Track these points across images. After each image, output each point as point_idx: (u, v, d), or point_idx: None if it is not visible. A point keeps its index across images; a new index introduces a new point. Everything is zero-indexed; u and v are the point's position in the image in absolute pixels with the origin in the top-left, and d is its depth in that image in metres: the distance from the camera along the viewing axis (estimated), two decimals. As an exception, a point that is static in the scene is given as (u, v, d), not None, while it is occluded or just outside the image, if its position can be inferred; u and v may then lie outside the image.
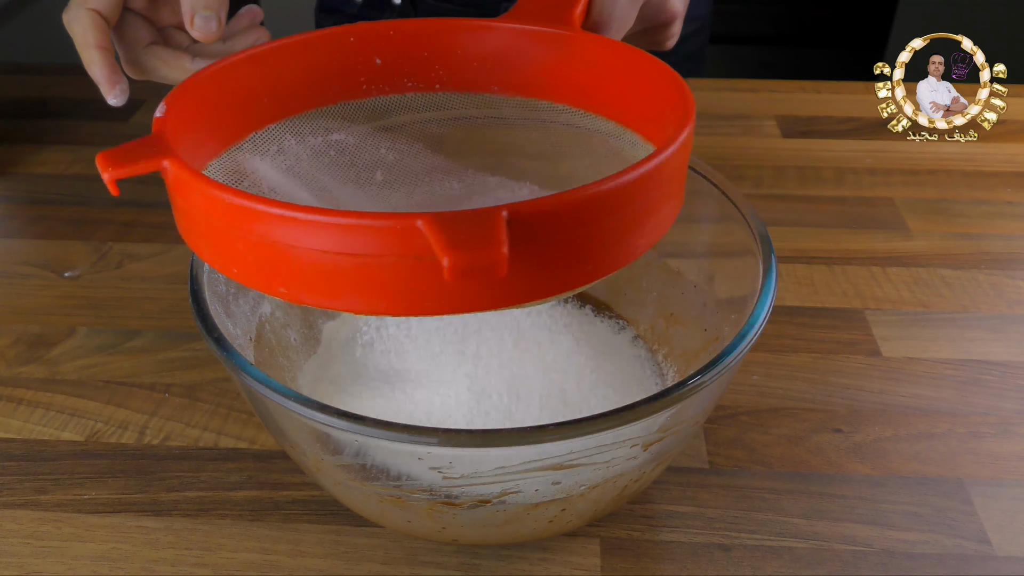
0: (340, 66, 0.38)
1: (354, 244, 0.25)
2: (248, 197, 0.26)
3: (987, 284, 0.57)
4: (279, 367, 0.42)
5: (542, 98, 0.39)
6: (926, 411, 0.47)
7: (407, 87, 0.39)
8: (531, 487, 0.33)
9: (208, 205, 0.27)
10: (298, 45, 0.37)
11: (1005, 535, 0.40)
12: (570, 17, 0.38)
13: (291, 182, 0.35)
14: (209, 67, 0.34)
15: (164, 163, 0.28)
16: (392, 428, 0.29)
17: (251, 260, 0.28)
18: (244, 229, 0.27)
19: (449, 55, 0.39)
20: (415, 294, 0.26)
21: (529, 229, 0.25)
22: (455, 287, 0.25)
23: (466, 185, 0.38)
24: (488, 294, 0.27)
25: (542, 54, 0.38)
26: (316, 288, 0.27)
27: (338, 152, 0.37)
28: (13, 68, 0.89)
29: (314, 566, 0.39)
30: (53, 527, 0.41)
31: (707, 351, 0.40)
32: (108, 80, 0.41)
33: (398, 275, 0.26)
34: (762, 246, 0.37)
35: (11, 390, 0.49)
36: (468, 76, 0.39)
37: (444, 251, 0.23)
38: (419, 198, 0.37)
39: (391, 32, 0.38)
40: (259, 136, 0.36)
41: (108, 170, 0.28)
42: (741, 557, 0.40)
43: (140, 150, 0.29)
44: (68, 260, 0.60)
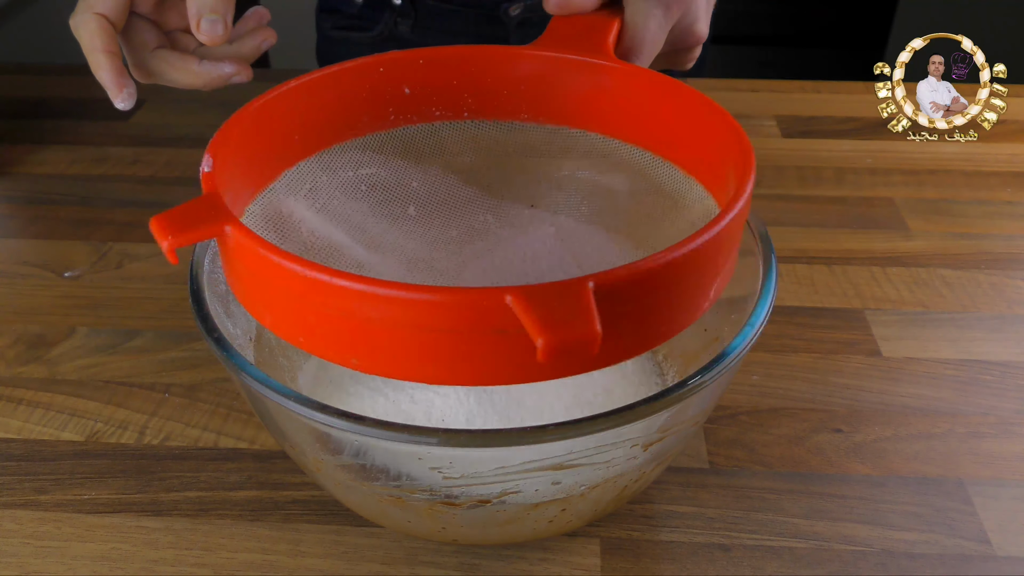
0: (369, 97, 0.37)
1: (436, 320, 0.24)
2: (323, 270, 0.25)
3: (987, 284, 0.57)
4: (279, 367, 0.42)
5: (574, 126, 0.38)
6: (926, 411, 0.47)
7: (435, 116, 0.39)
8: (531, 487, 0.33)
9: (277, 276, 0.26)
10: (328, 78, 0.36)
11: (1005, 535, 0.40)
12: (603, 44, 0.37)
13: (328, 223, 0.34)
14: (244, 109, 0.33)
15: (226, 228, 0.27)
16: (392, 428, 0.29)
17: (323, 331, 0.27)
18: (318, 301, 0.26)
19: (479, 82, 0.38)
20: (496, 366, 0.26)
21: (613, 298, 0.24)
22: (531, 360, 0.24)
23: (500, 218, 0.38)
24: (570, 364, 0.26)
25: (575, 82, 0.37)
26: (391, 360, 0.26)
27: (369, 187, 0.37)
28: (13, 68, 0.89)
29: (314, 566, 0.39)
30: (53, 527, 0.41)
31: (707, 351, 0.40)
32: (115, 84, 0.41)
33: (480, 348, 0.25)
34: (762, 246, 0.37)
35: (11, 390, 0.49)
36: (497, 104, 0.39)
37: (538, 332, 0.22)
38: (455, 233, 0.37)
39: (420, 61, 0.38)
40: (291, 175, 0.35)
41: (167, 238, 0.27)
42: (741, 557, 0.40)
43: (197, 213, 0.27)
44: (68, 260, 0.60)
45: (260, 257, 0.26)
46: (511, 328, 0.24)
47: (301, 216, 0.34)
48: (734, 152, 0.32)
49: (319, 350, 0.27)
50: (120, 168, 0.71)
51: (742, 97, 0.81)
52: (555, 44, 0.38)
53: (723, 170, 0.33)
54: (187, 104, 0.80)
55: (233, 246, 0.27)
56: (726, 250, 0.29)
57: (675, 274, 0.26)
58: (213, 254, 0.38)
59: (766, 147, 0.73)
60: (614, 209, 0.38)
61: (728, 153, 0.32)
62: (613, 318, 0.24)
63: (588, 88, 0.37)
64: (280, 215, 0.34)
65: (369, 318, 0.25)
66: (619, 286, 0.24)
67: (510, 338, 0.24)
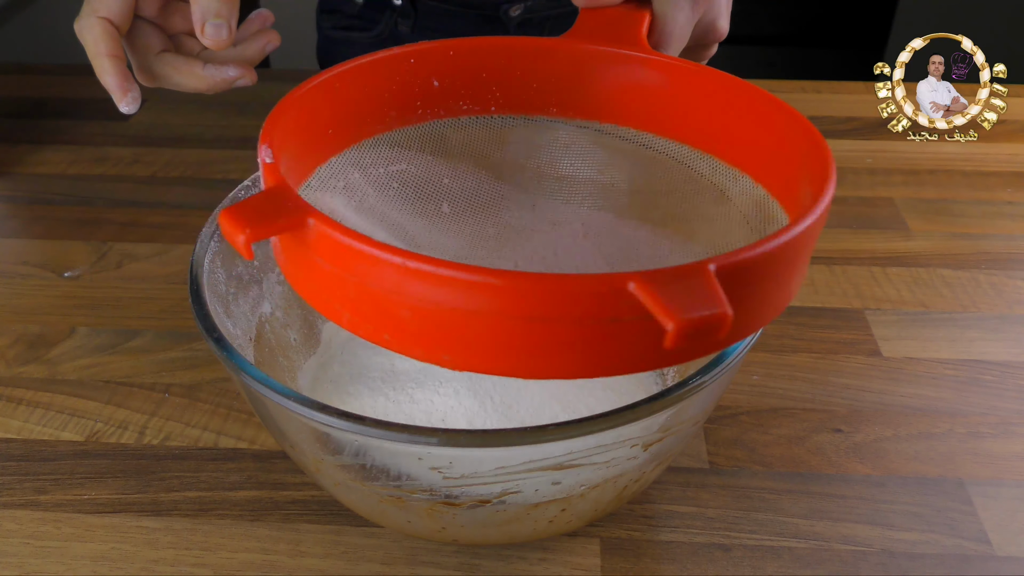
0: (399, 89, 0.36)
1: (551, 308, 0.23)
2: (425, 260, 0.24)
3: (987, 284, 0.57)
4: (279, 367, 0.42)
5: (605, 121, 0.38)
6: (926, 411, 0.47)
7: (462, 110, 0.38)
8: (531, 487, 0.33)
9: (367, 268, 0.25)
10: (361, 69, 0.35)
11: (1005, 535, 0.40)
12: (636, 35, 0.37)
13: (366, 221, 0.34)
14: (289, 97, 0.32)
15: (310, 221, 0.25)
16: (392, 428, 0.29)
17: (413, 328, 0.25)
18: (413, 295, 0.24)
19: (507, 75, 0.37)
20: (609, 355, 0.25)
21: (732, 281, 0.24)
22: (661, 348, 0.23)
23: (537, 215, 0.37)
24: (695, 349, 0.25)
25: (608, 75, 0.37)
26: (494, 355, 0.25)
27: (401, 184, 0.36)
28: (13, 68, 0.89)
29: (314, 566, 0.39)
30: (53, 527, 0.41)
31: (707, 351, 0.40)
32: (120, 88, 0.41)
33: (593, 337, 0.24)
34: (762, 246, 0.37)
35: (11, 390, 0.49)
36: (526, 98, 0.38)
37: (669, 316, 0.22)
38: (492, 230, 0.36)
39: (450, 52, 0.37)
40: (324, 171, 0.34)
41: (244, 231, 0.25)
42: (741, 557, 0.40)
43: (272, 205, 0.26)
44: (68, 260, 0.60)
45: (349, 249, 0.25)
46: (626, 315, 0.23)
47: (341, 215, 0.33)
48: (796, 136, 0.31)
49: (407, 348, 0.26)
50: (120, 168, 0.71)
51: (742, 97, 0.80)
52: (586, 37, 0.37)
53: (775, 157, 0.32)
54: (187, 104, 0.80)
55: (315, 239, 0.26)
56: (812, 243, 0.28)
57: (788, 256, 0.26)
58: (213, 254, 0.38)
59: (766, 147, 0.73)
60: (655, 203, 0.37)
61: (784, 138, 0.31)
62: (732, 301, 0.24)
63: (621, 81, 0.37)
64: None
65: (472, 309, 0.24)
66: (739, 269, 0.24)
67: (623, 326, 0.24)
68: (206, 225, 0.38)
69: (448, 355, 0.25)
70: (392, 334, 0.26)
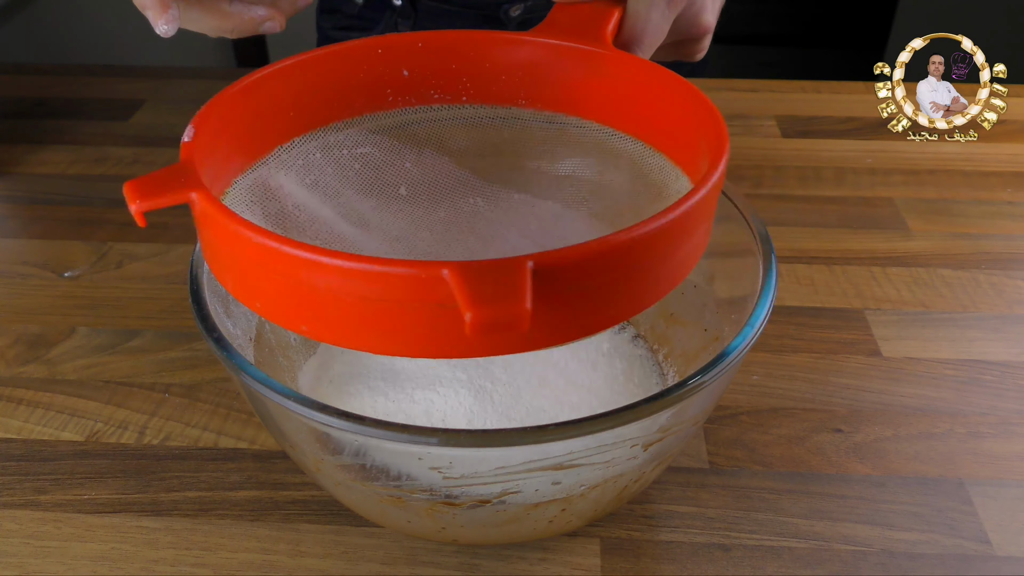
0: (367, 77, 0.38)
1: (378, 290, 0.25)
2: (274, 238, 0.26)
3: (987, 284, 0.57)
4: (279, 367, 0.42)
5: (570, 114, 0.38)
6: (926, 411, 0.47)
7: (433, 99, 0.39)
8: (531, 487, 0.33)
9: (234, 241, 0.27)
10: (326, 57, 0.36)
11: (1005, 535, 0.40)
12: (602, 33, 0.38)
13: (316, 198, 0.34)
14: (234, 84, 0.34)
15: (192, 195, 0.28)
16: (392, 428, 0.29)
17: (275, 297, 0.28)
18: (269, 268, 0.27)
19: (478, 67, 0.38)
20: (437, 339, 0.26)
21: (554, 278, 0.25)
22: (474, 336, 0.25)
23: (490, 202, 0.38)
24: (508, 341, 0.27)
25: (572, 70, 0.37)
26: (338, 328, 0.27)
27: (363, 165, 0.37)
28: (13, 68, 0.89)
29: (314, 566, 0.39)
30: (53, 527, 0.41)
31: (707, 351, 0.40)
32: (159, 3, 0.37)
33: (421, 320, 0.26)
34: (762, 246, 0.37)
35: (11, 390, 0.49)
36: (496, 89, 0.39)
37: (467, 306, 0.23)
38: (443, 214, 0.37)
39: (419, 44, 0.38)
40: (284, 150, 0.36)
41: (136, 202, 0.28)
42: (741, 557, 0.40)
43: (168, 180, 0.29)
44: (68, 260, 0.60)
45: (220, 224, 0.27)
46: (449, 303, 0.24)
47: (289, 190, 0.34)
48: (709, 136, 0.32)
49: (273, 315, 0.29)
50: (120, 168, 0.71)
51: (742, 97, 0.81)
52: (554, 31, 0.38)
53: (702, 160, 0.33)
54: (187, 104, 0.80)
55: (199, 214, 0.29)
56: (690, 231, 0.29)
57: (625, 256, 0.26)
58: (213, 254, 0.38)
59: (766, 147, 0.73)
60: (602, 197, 0.38)
61: (705, 140, 0.32)
62: (556, 298, 0.25)
63: (583, 75, 0.37)
64: (268, 188, 0.34)
65: (316, 286, 0.26)
66: (561, 266, 0.25)
67: (449, 312, 0.25)
68: (206, 225, 0.38)
69: (306, 325, 0.28)
70: (262, 303, 0.28)
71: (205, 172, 0.30)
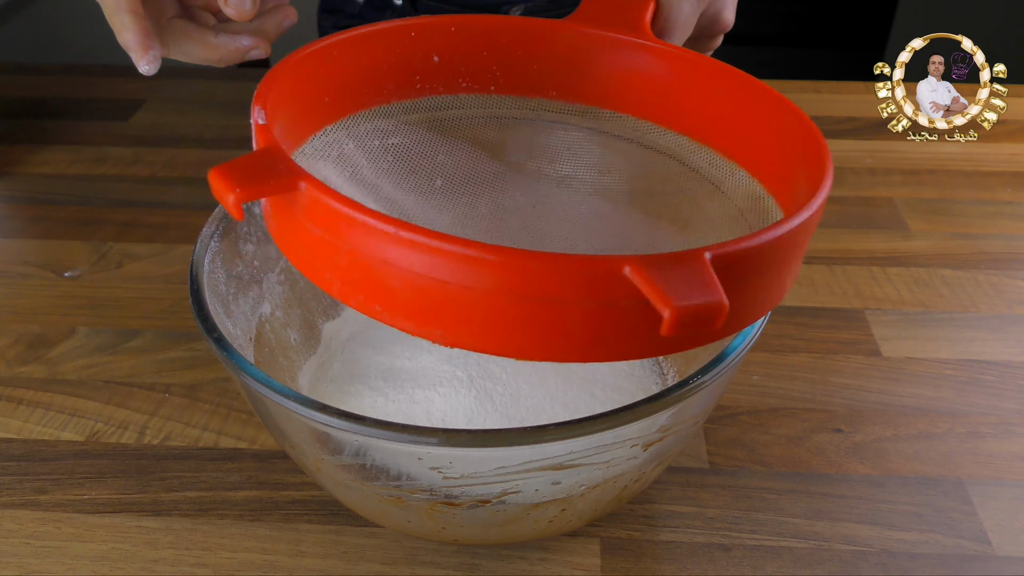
0: (398, 62, 0.36)
1: (543, 288, 0.23)
2: (418, 230, 0.23)
3: (987, 284, 0.57)
4: (279, 367, 0.42)
5: (604, 107, 0.37)
6: (926, 411, 0.47)
7: (461, 87, 0.37)
8: (531, 487, 0.33)
9: (359, 235, 0.24)
10: (363, 38, 0.35)
11: (1005, 535, 0.40)
12: (640, 22, 0.36)
13: (358, 191, 0.33)
14: (286, 60, 0.32)
15: (301, 184, 0.25)
16: (392, 428, 0.29)
17: (404, 299, 0.25)
18: (403, 265, 0.24)
19: (508, 55, 0.37)
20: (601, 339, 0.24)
21: (728, 270, 0.23)
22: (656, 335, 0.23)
23: (530, 196, 0.37)
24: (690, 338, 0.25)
25: (610, 60, 0.36)
26: (485, 332, 0.25)
27: (396, 157, 0.36)
28: (13, 68, 0.88)
29: (314, 566, 0.39)
30: (53, 527, 0.41)
31: (707, 351, 0.40)
32: (141, 46, 0.38)
33: (587, 320, 0.24)
34: (762, 246, 0.37)
35: (11, 390, 0.49)
36: (526, 79, 0.38)
37: (664, 303, 0.21)
38: (484, 209, 0.36)
39: (452, 28, 0.36)
40: (319, 139, 0.34)
41: (234, 191, 0.24)
42: (741, 557, 0.40)
43: (264, 166, 0.25)
44: (68, 260, 0.60)
45: (341, 216, 0.24)
46: (621, 300, 0.23)
47: (334, 184, 0.32)
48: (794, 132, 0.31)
49: (398, 320, 0.25)
50: (120, 168, 0.71)
51: (742, 97, 0.80)
52: (589, 21, 0.37)
53: (772, 152, 0.32)
54: (187, 104, 0.80)
55: (307, 203, 0.25)
56: (812, 233, 0.28)
57: (782, 249, 0.26)
58: (213, 254, 0.38)
59: (766, 147, 0.73)
60: (650, 191, 0.37)
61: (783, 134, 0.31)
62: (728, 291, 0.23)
63: (621, 67, 0.36)
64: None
65: (465, 284, 0.23)
66: (734, 259, 0.24)
67: (618, 311, 0.23)
68: (206, 225, 0.38)
69: (440, 330, 0.25)
70: (384, 305, 0.25)
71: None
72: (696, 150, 0.36)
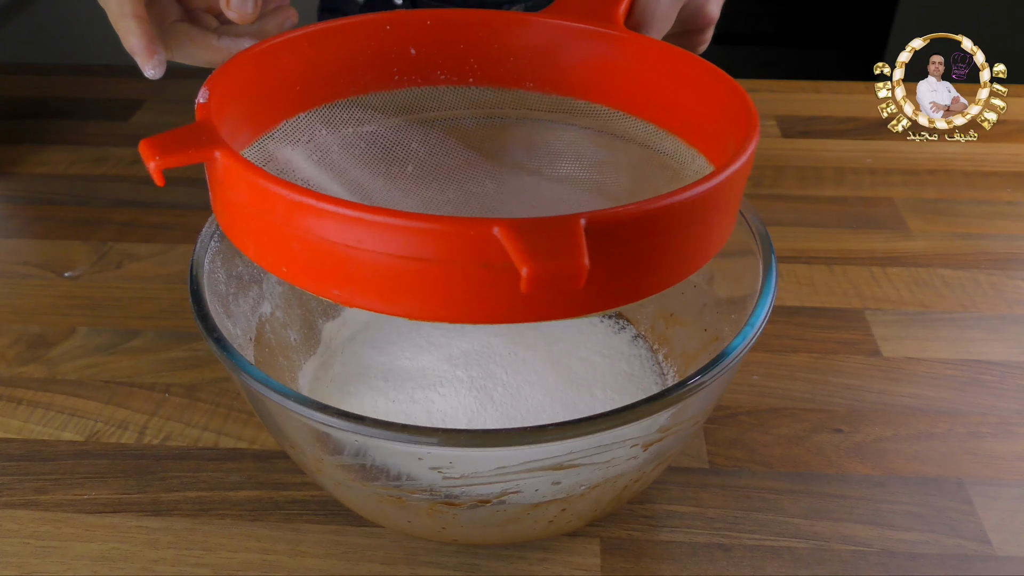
0: (374, 54, 0.37)
1: (421, 248, 0.24)
2: (310, 194, 0.25)
3: (987, 284, 0.57)
4: (279, 367, 0.42)
5: (579, 97, 0.38)
6: (926, 411, 0.47)
7: (439, 79, 0.38)
8: (531, 487, 0.33)
9: (263, 199, 0.26)
10: (334, 31, 0.36)
11: (1005, 535, 0.40)
12: (613, 15, 0.37)
13: (323, 174, 0.34)
14: (245, 52, 0.33)
15: (216, 153, 0.27)
16: (392, 428, 0.29)
17: (304, 260, 0.26)
18: (301, 227, 0.25)
19: (485, 48, 0.38)
20: (479, 302, 0.25)
21: (604, 238, 0.24)
22: (523, 297, 0.24)
23: (499, 184, 0.38)
24: (556, 304, 0.26)
25: (583, 52, 0.37)
26: (373, 292, 0.26)
27: (369, 144, 0.37)
28: (13, 68, 0.88)
29: (314, 566, 0.39)
30: (53, 527, 0.41)
31: (707, 351, 0.40)
32: (146, 50, 0.39)
33: (463, 282, 0.25)
34: (762, 246, 0.37)
35: (11, 390, 0.49)
36: (503, 71, 0.38)
37: (523, 261, 0.22)
38: (452, 195, 0.37)
39: (428, 21, 0.37)
40: (290, 125, 0.35)
41: (155, 158, 0.26)
42: (741, 557, 0.40)
43: (187, 137, 0.27)
44: (68, 260, 0.60)
45: (247, 181, 0.26)
46: (497, 261, 0.23)
47: (297, 165, 0.34)
48: (738, 116, 0.31)
49: (300, 280, 0.27)
50: (120, 168, 0.71)
51: (742, 97, 0.80)
52: (564, 13, 0.37)
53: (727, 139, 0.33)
54: (187, 104, 0.79)
55: (221, 171, 0.27)
56: (722, 208, 0.28)
57: (668, 221, 0.26)
58: (213, 254, 0.38)
59: (766, 147, 0.73)
60: (616, 180, 0.38)
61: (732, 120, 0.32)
62: (602, 260, 0.24)
63: (595, 58, 0.37)
64: (276, 161, 0.34)
65: (352, 245, 0.25)
66: (611, 226, 0.24)
67: (495, 272, 0.24)
68: (206, 225, 0.38)
69: (337, 289, 0.26)
70: (288, 267, 0.27)
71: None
72: (663, 138, 0.36)
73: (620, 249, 0.25)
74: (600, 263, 0.24)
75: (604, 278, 0.25)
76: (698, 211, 0.27)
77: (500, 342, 0.43)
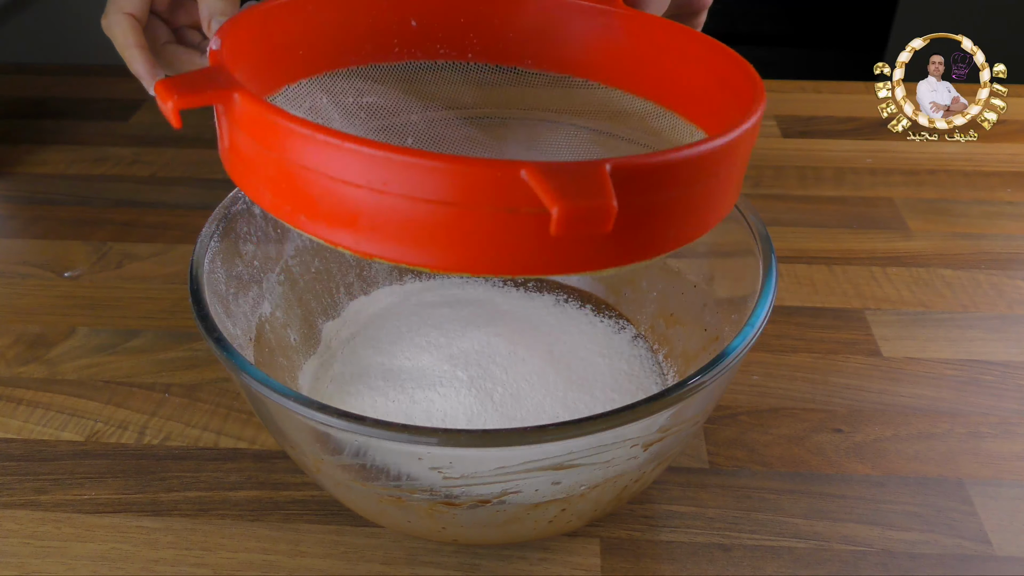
0: (376, 24, 0.37)
1: (447, 190, 0.23)
2: (337, 134, 0.24)
3: (987, 284, 0.57)
4: (279, 367, 0.42)
5: (578, 75, 0.38)
6: (926, 411, 0.47)
7: (439, 53, 0.38)
8: (531, 487, 0.33)
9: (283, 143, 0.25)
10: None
11: (1005, 535, 0.40)
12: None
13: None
14: (251, 8, 0.33)
15: (234, 95, 0.26)
16: (392, 428, 0.29)
17: (325, 207, 0.26)
18: (325, 169, 0.24)
19: (486, 23, 0.38)
20: (504, 250, 0.25)
21: (627, 186, 0.23)
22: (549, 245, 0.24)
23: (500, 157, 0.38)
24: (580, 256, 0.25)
25: (583, 29, 0.37)
26: (395, 239, 0.25)
27: (368, 115, 0.37)
28: (13, 68, 0.89)
29: (314, 566, 0.39)
30: (53, 527, 0.41)
31: (707, 351, 0.40)
32: (150, 74, 0.45)
33: (489, 228, 0.24)
34: (762, 246, 0.37)
35: (11, 390, 0.49)
36: (503, 47, 0.38)
37: (553, 200, 0.22)
38: None
39: None
40: (292, 90, 0.35)
41: (172, 98, 0.26)
42: (741, 557, 0.40)
43: (204, 80, 0.27)
44: (68, 260, 0.60)
45: (268, 122, 0.25)
46: (523, 206, 0.23)
47: None
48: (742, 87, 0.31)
49: (320, 230, 0.26)
50: (120, 168, 0.71)
51: (742, 97, 0.80)
52: None
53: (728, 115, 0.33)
54: (187, 104, 0.80)
55: (239, 113, 0.27)
56: (736, 164, 0.28)
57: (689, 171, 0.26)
58: (213, 254, 0.38)
59: (766, 147, 0.73)
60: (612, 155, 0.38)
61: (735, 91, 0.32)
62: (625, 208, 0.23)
63: (595, 36, 0.37)
64: None
65: (377, 188, 0.24)
66: (634, 173, 0.24)
67: (521, 219, 0.23)
68: (206, 225, 0.38)
69: (359, 238, 0.26)
70: (307, 214, 0.26)
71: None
72: (661, 115, 0.36)
73: (642, 199, 0.25)
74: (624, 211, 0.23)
75: (628, 227, 0.25)
76: (716, 163, 0.27)
77: (500, 342, 0.43)
